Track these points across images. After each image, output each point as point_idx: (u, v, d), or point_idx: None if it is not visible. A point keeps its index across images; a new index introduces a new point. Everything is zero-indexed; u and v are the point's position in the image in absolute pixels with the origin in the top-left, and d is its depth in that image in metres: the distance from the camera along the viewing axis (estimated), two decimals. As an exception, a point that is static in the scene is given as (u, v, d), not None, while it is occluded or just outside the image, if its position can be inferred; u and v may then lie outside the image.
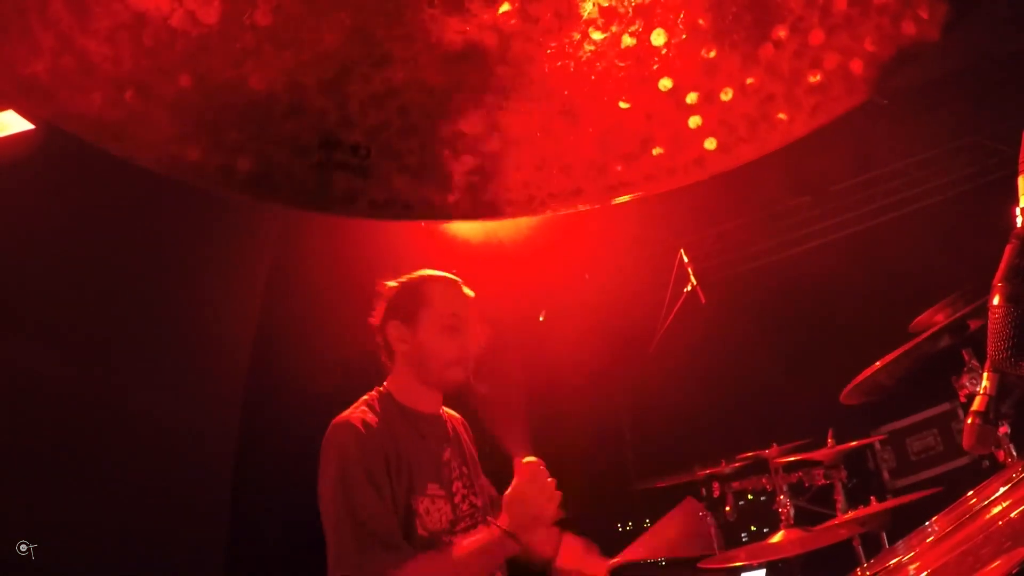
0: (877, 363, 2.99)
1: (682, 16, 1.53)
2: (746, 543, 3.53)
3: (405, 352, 2.17)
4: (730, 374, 5.06)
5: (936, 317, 2.94)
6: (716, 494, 3.84)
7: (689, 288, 4.00)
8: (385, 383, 2.22)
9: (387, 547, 1.92)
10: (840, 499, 3.43)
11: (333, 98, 1.55)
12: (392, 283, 2.23)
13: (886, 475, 4.54)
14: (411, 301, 2.17)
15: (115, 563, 3.08)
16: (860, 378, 3.08)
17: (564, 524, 2.10)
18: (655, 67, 1.60)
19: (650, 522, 5.30)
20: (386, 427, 2.07)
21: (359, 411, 2.10)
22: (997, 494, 1.21)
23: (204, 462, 3.79)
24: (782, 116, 1.63)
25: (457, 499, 2.15)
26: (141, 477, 3.30)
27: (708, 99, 1.63)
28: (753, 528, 4.62)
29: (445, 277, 2.23)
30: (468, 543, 1.97)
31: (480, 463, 2.36)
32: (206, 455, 3.81)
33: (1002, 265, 1.24)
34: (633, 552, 2.49)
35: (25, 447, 2.94)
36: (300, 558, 3.87)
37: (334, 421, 2.07)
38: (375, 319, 2.22)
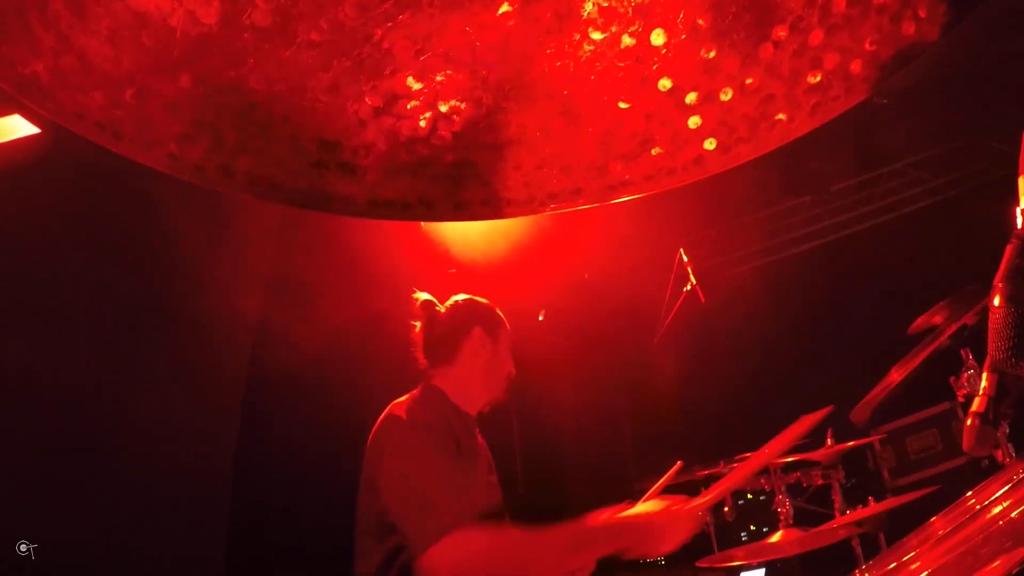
0: (893, 376, 2.95)
1: (682, 16, 1.53)
2: (745, 543, 3.53)
3: (483, 359, 2.30)
4: (729, 374, 5.06)
5: (935, 319, 2.94)
6: (715, 494, 3.83)
7: (689, 287, 4.01)
8: (434, 380, 2.27)
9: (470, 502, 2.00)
10: (837, 499, 3.44)
11: (333, 98, 1.55)
12: (469, 297, 2.40)
13: (886, 474, 4.55)
14: (493, 319, 2.38)
15: (115, 563, 3.08)
16: (871, 396, 3.04)
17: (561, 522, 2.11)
18: (655, 67, 1.59)
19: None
20: (443, 417, 2.16)
21: (418, 401, 2.19)
22: (997, 494, 1.22)
23: (204, 462, 3.79)
24: (782, 116, 1.63)
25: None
26: (141, 477, 3.30)
27: (708, 99, 1.62)
28: (752, 528, 4.62)
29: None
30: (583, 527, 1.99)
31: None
32: (206, 455, 3.81)
33: (1002, 265, 1.24)
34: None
35: (25, 447, 2.94)
36: (300, 558, 3.88)
37: (391, 407, 2.14)
38: (453, 317, 2.33)
